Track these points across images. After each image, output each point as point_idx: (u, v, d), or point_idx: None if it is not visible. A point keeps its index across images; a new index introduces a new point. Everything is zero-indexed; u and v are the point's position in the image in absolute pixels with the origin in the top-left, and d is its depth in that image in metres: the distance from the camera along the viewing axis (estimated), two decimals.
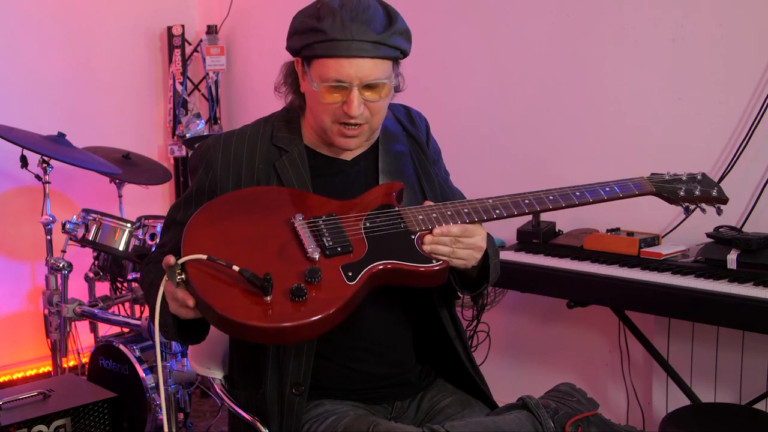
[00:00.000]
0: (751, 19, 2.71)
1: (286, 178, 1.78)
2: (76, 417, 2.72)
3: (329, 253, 1.62)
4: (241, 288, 1.54)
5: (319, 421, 1.73)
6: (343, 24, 1.64)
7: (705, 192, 1.89)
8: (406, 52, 1.75)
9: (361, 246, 1.65)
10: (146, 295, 1.83)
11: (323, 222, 1.67)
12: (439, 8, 3.56)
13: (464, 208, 1.72)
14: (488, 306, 3.38)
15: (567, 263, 2.73)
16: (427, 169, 1.92)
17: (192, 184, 1.86)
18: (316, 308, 1.53)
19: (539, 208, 1.76)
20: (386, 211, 1.72)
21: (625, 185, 1.84)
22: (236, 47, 4.55)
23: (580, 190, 1.79)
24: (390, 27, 1.69)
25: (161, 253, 1.84)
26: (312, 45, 1.67)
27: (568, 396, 1.76)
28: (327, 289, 1.56)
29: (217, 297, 1.54)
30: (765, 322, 2.26)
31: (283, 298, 1.53)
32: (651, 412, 3.01)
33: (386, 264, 1.63)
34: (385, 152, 1.86)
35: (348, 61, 1.65)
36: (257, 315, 1.51)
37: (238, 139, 1.83)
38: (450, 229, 1.68)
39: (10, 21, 3.94)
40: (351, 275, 1.59)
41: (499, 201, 1.74)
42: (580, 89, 3.15)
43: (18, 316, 4.04)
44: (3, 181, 3.95)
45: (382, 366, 1.82)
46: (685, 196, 1.88)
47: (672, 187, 1.88)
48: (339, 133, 1.75)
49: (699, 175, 1.92)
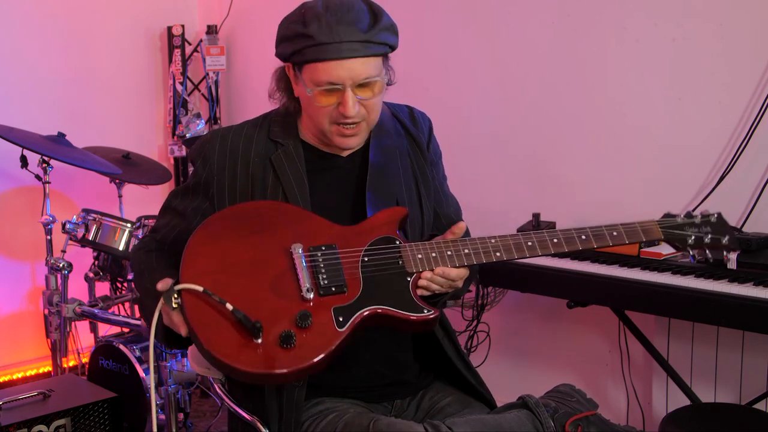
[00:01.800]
0: (751, 19, 2.71)
1: (281, 171, 1.79)
2: (76, 417, 2.72)
3: (323, 292, 1.63)
4: (233, 324, 1.56)
5: (319, 419, 1.73)
6: (329, 27, 1.65)
7: (715, 241, 1.79)
8: (394, 46, 1.75)
9: (356, 286, 1.66)
10: (136, 284, 1.88)
11: (322, 255, 1.68)
12: (440, 8, 3.56)
13: (464, 249, 1.71)
14: (488, 306, 3.38)
15: (567, 263, 2.73)
16: (424, 171, 1.92)
17: (190, 177, 1.88)
18: (305, 355, 1.55)
19: (541, 252, 1.73)
20: (385, 247, 1.71)
21: (633, 230, 1.78)
22: (236, 47, 4.55)
23: (585, 234, 1.75)
24: (376, 24, 1.69)
25: (153, 239, 1.87)
26: (301, 51, 1.68)
27: (567, 396, 1.76)
28: (316, 335, 1.58)
29: (208, 331, 1.56)
30: (765, 322, 2.26)
31: (272, 343, 1.55)
32: (651, 412, 3.01)
33: (377, 310, 1.64)
34: (376, 147, 1.86)
35: (338, 63, 1.66)
36: (245, 359, 1.54)
37: (236, 133, 1.84)
38: (449, 273, 1.70)
39: (10, 21, 3.94)
40: (342, 320, 1.60)
41: (501, 242, 1.72)
42: (580, 89, 3.15)
43: (18, 316, 4.04)
44: (3, 181, 3.95)
45: (382, 365, 1.83)
46: (694, 245, 1.79)
47: (681, 234, 1.79)
48: (338, 134, 1.76)
49: (714, 217, 1.81)
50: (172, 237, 1.84)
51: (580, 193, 3.15)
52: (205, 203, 1.82)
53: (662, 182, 2.93)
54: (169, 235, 1.85)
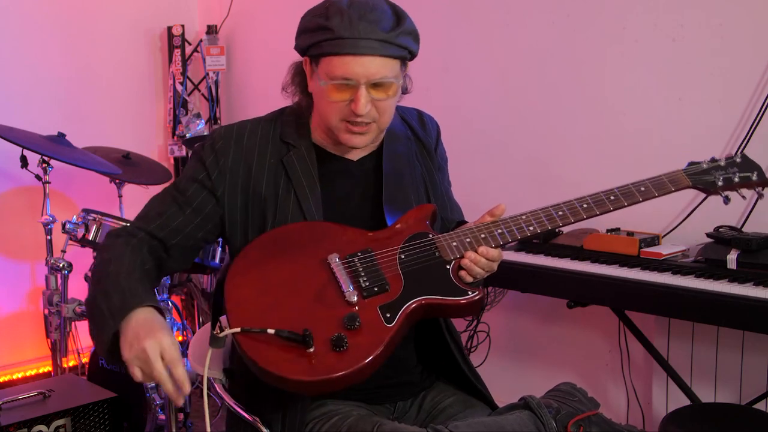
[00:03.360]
0: (751, 19, 2.71)
1: (293, 174, 1.78)
2: (76, 417, 2.72)
3: (366, 294, 1.64)
4: (284, 344, 1.57)
5: (322, 421, 1.73)
6: (351, 22, 1.64)
7: (744, 178, 1.80)
8: (414, 52, 1.75)
9: (398, 282, 1.66)
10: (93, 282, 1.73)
11: (359, 260, 1.69)
12: (440, 8, 3.56)
13: (497, 229, 1.73)
14: (488, 306, 3.38)
15: (567, 263, 2.73)
16: (433, 175, 1.93)
17: (196, 169, 1.79)
18: (359, 355, 1.56)
19: (573, 219, 1.74)
20: (420, 241, 1.72)
21: (660, 182, 1.78)
22: (236, 47, 4.55)
23: (614, 194, 1.75)
24: (398, 26, 1.69)
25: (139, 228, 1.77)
26: (320, 43, 1.68)
27: (569, 396, 1.76)
28: (367, 334, 1.59)
29: (262, 353, 1.57)
30: (765, 322, 2.26)
31: (325, 349, 1.56)
32: (651, 412, 3.01)
33: (422, 300, 1.65)
34: (389, 153, 1.86)
35: (355, 59, 1.66)
36: (302, 369, 1.55)
37: (251, 133, 1.82)
38: (491, 254, 1.70)
39: (10, 21, 3.94)
40: (389, 317, 1.62)
41: (533, 216, 1.74)
42: (580, 89, 3.15)
43: (18, 316, 4.04)
44: (3, 181, 3.95)
45: (386, 366, 1.82)
46: (724, 185, 1.80)
47: (709, 178, 1.80)
48: (346, 130, 1.74)
49: (738, 157, 1.83)
50: (169, 228, 1.76)
51: (581, 193, 3.12)
52: (212, 201, 1.78)
53: None
54: (166, 225, 1.77)
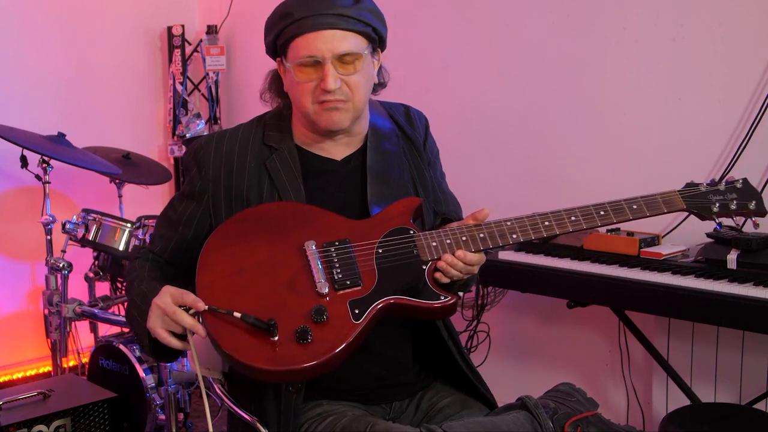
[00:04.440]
0: (751, 20, 2.70)
1: (276, 177, 1.78)
2: (76, 417, 2.72)
3: (338, 287, 1.63)
4: (250, 328, 1.57)
5: (317, 422, 1.73)
6: (307, 2, 1.68)
7: (741, 206, 1.73)
8: (378, 30, 1.75)
9: (371, 278, 1.65)
10: (126, 293, 1.85)
11: (335, 250, 1.68)
12: (439, 8, 3.56)
13: (479, 233, 1.69)
14: (488, 306, 3.38)
15: (567, 263, 2.73)
16: (422, 171, 1.91)
17: (186, 184, 1.87)
18: (322, 350, 1.55)
19: (559, 231, 1.69)
20: (400, 237, 1.70)
21: (654, 201, 1.72)
22: (236, 47, 4.55)
23: (604, 209, 1.71)
24: (358, 3, 1.71)
25: (150, 251, 1.85)
26: (282, 31, 1.72)
27: (567, 396, 1.75)
28: (333, 328, 1.58)
29: (226, 336, 1.57)
30: (765, 322, 2.26)
31: (289, 340, 1.56)
32: (651, 412, 3.01)
33: (391, 300, 1.64)
34: (373, 151, 1.85)
35: (315, 35, 1.68)
36: (263, 358, 1.55)
37: (230, 138, 1.83)
38: (469, 258, 1.67)
39: (10, 21, 3.94)
40: (357, 312, 1.61)
41: (517, 223, 1.70)
42: (580, 89, 3.15)
43: (18, 316, 4.04)
44: (3, 181, 3.95)
45: (380, 366, 1.82)
46: (719, 212, 1.72)
47: (705, 203, 1.72)
48: (321, 111, 1.74)
49: (739, 182, 1.75)
50: (169, 249, 1.83)
51: (580, 193, 3.14)
52: (200, 210, 1.80)
53: (662, 182, 2.90)
54: (166, 248, 1.83)
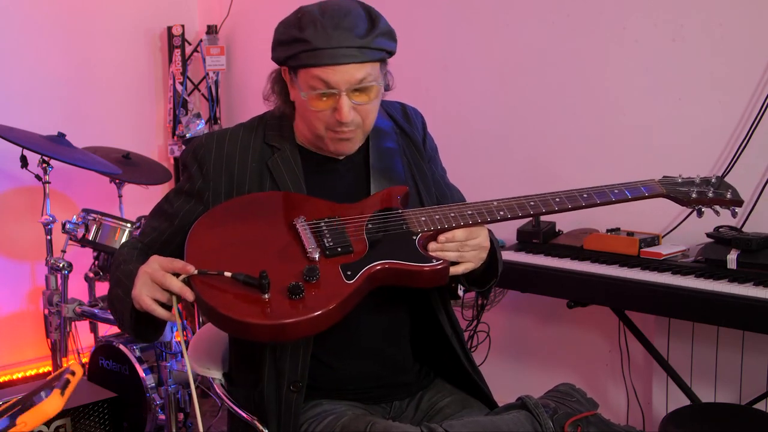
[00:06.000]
0: (751, 19, 2.70)
1: (278, 176, 1.78)
2: (76, 417, 2.72)
3: (329, 253, 1.63)
4: (241, 288, 1.56)
5: (317, 421, 1.73)
6: (325, 32, 1.64)
7: (719, 194, 1.85)
8: (391, 51, 1.74)
9: (362, 246, 1.66)
10: (110, 275, 1.81)
11: (325, 224, 1.69)
12: (439, 8, 3.56)
13: (467, 210, 1.72)
14: (488, 306, 3.38)
15: (567, 263, 2.73)
16: (422, 167, 1.91)
17: (184, 180, 1.86)
18: (314, 305, 1.54)
19: (544, 210, 1.75)
20: (389, 213, 1.72)
21: (635, 188, 1.81)
22: (236, 47, 4.55)
23: (587, 192, 1.77)
24: (373, 30, 1.68)
25: (139, 241, 1.84)
26: (297, 55, 1.67)
27: (567, 396, 1.75)
28: (325, 287, 1.57)
29: (217, 297, 1.56)
30: (765, 322, 2.26)
31: (281, 296, 1.54)
32: (651, 412, 3.01)
33: (385, 264, 1.63)
34: (375, 149, 1.86)
35: (333, 69, 1.65)
36: (255, 313, 1.53)
37: (231, 138, 1.83)
38: (455, 235, 1.69)
39: (10, 21, 3.94)
40: (350, 274, 1.60)
41: (504, 203, 1.74)
42: (580, 89, 3.15)
43: (18, 316, 4.04)
44: (3, 181, 3.95)
45: (380, 366, 1.82)
46: (698, 198, 1.83)
47: (684, 190, 1.84)
48: (333, 139, 1.75)
49: (713, 179, 1.87)
50: (160, 241, 1.81)
51: None
52: (198, 208, 1.79)
53: None
54: (157, 240, 1.82)
